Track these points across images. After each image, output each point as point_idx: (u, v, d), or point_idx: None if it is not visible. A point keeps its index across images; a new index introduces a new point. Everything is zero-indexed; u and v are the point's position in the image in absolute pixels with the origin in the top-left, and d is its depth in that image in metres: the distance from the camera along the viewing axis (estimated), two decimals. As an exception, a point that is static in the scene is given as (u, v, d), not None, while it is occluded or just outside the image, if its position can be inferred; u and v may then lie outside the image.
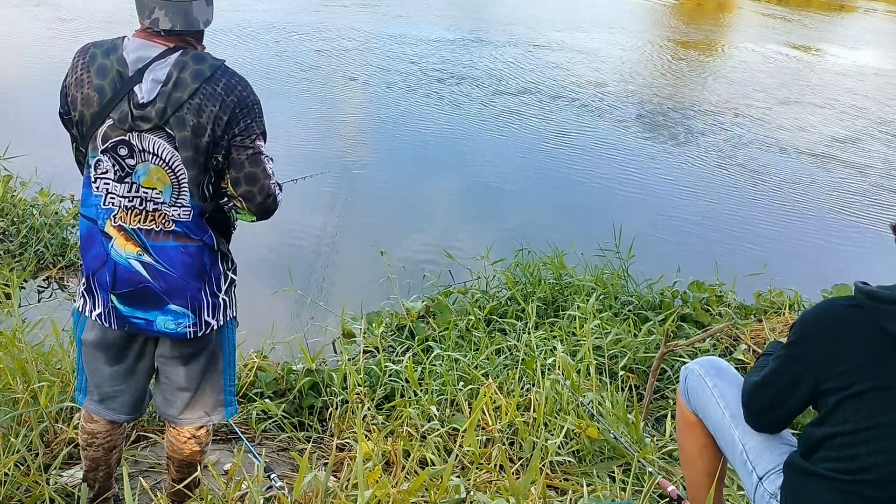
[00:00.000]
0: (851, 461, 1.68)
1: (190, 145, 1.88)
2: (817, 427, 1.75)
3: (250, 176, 1.96)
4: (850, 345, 1.67)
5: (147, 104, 1.86)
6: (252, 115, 1.95)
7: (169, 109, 1.86)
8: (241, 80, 1.95)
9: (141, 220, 1.95)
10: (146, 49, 1.89)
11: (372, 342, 3.83)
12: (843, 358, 1.67)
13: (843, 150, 8.76)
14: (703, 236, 6.19)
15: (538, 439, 2.76)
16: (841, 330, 1.69)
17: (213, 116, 1.88)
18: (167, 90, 1.86)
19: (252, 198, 1.99)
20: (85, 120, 1.91)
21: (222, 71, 1.92)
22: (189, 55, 1.89)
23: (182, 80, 1.86)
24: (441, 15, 14.32)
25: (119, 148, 1.90)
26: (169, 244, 1.96)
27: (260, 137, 1.98)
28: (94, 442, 2.24)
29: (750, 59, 13.43)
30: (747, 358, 3.76)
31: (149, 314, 2.01)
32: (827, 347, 1.70)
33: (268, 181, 1.99)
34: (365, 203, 6.29)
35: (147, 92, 1.86)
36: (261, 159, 1.97)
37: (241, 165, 1.95)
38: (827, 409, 1.71)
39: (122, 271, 1.97)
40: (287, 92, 8.78)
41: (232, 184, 1.98)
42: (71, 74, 1.93)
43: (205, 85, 1.87)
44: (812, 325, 1.75)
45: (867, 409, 1.65)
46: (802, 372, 1.75)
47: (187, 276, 1.99)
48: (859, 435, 1.67)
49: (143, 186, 1.93)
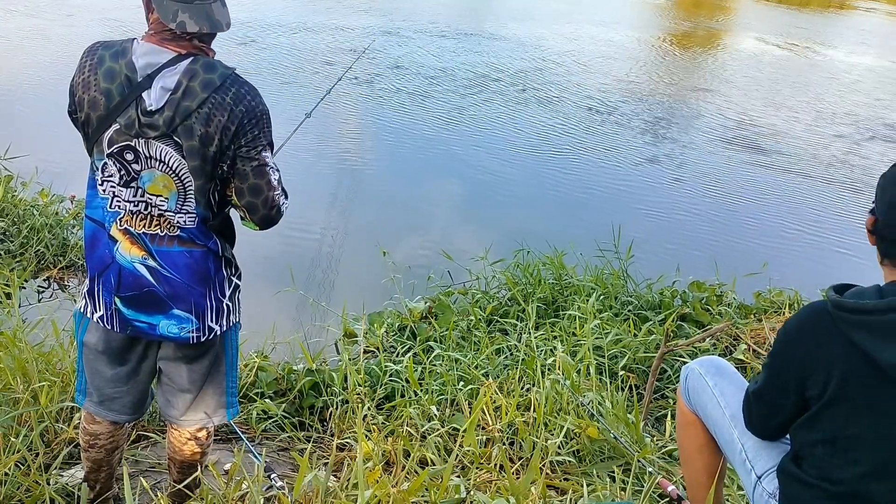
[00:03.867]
0: (832, 470, 1.67)
1: (198, 154, 1.87)
2: (804, 431, 1.74)
3: (254, 188, 1.96)
4: (826, 352, 1.63)
5: (155, 112, 1.84)
6: (260, 125, 1.93)
7: (177, 118, 1.84)
8: (250, 89, 1.92)
9: (146, 225, 1.94)
10: (156, 55, 1.86)
11: (374, 342, 3.83)
12: (821, 366, 1.63)
13: (843, 150, 8.76)
14: (702, 236, 6.19)
15: (538, 439, 2.76)
16: (818, 337, 1.64)
17: (221, 126, 1.86)
18: (176, 98, 1.84)
19: (255, 209, 1.99)
20: (91, 122, 1.90)
21: (232, 80, 1.89)
22: (199, 63, 1.87)
23: (191, 88, 1.84)
24: (439, 15, 14.31)
25: (125, 153, 1.89)
26: (174, 249, 1.96)
27: (266, 148, 1.96)
28: (97, 443, 2.24)
29: (750, 58, 13.44)
30: (747, 358, 3.77)
31: (152, 318, 2.00)
32: (807, 354, 1.66)
33: (272, 193, 1.99)
34: (366, 203, 6.29)
35: (156, 99, 1.84)
36: (266, 171, 1.96)
37: (245, 176, 1.94)
38: (810, 414, 1.70)
39: (128, 274, 1.96)
40: (287, 92, 8.78)
41: (236, 194, 1.98)
42: (78, 74, 1.91)
43: (214, 94, 1.85)
44: (793, 333, 1.72)
45: (842, 419, 1.63)
46: (788, 381, 1.72)
47: (192, 281, 1.98)
48: (837, 444, 1.66)
49: (149, 193, 1.92)
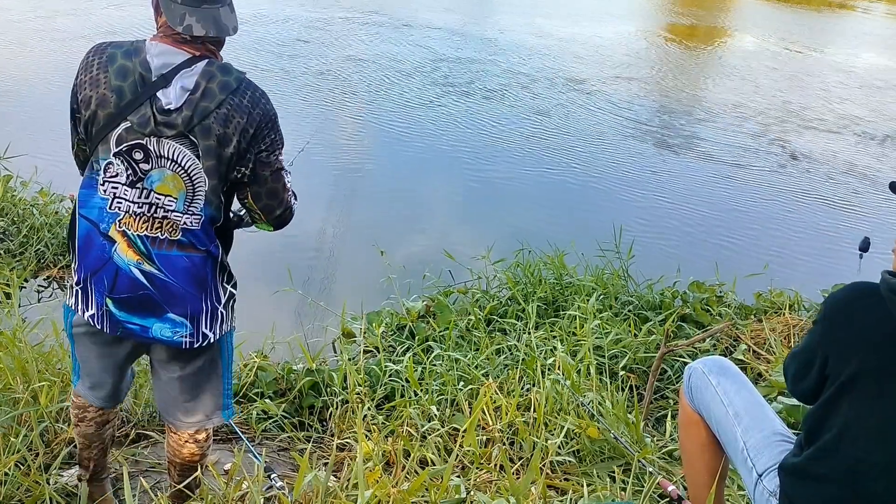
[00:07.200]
0: (836, 465, 1.67)
1: (213, 154, 1.89)
2: (813, 419, 1.74)
3: (272, 191, 2.03)
4: (863, 334, 1.63)
5: (173, 111, 1.85)
6: (275, 129, 1.99)
7: (195, 118, 1.86)
8: (263, 93, 1.97)
9: (148, 228, 1.93)
10: (172, 55, 1.88)
11: (372, 342, 3.83)
12: (852, 348, 1.64)
13: (843, 150, 8.77)
14: (703, 236, 6.19)
15: (538, 439, 2.75)
16: (860, 316, 1.64)
17: (240, 128, 1.90)
18: (195, 99, 1.86)
19: (272, 211, 2.08)
20: (98, 120, 1.88)
21: (247, 84, 1.94)
22: (215, 66, 1.90)
23: (210, 90, 1.87)
24: (438, 15, 14.32)
25: (134, 152, 1.88)
26: (173, 253, 1.95)
27: (281, 152, 2.03)
28: (86, 416, 2.24)
29: (751, 57, 13.43)
30: (747, 358, 3.77)
31: (145, 321, 1.99)
32: (842, 331, 1.67)
33: (286, 195, 2.08)
34: (365, 203, 6.28)
35: (175, 98, 1.86)
36: (281, 174, 2.04)
37: (264, 181, 2.00)
38: (825, 397, 1.70)
39: (124, 276, 1.95)
40: (286, 92, 8.78)
41: (253, 197, 2.03)
42: (84, 73, 1.90)
43: (231, 96, 1.89)
44: (836, 306, 1.71)
45: (858, 407, 1.63)
46: (818, 352, 1.72)
47: (189, 286, 1.97)
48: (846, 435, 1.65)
49: (157, 192, 1.91)
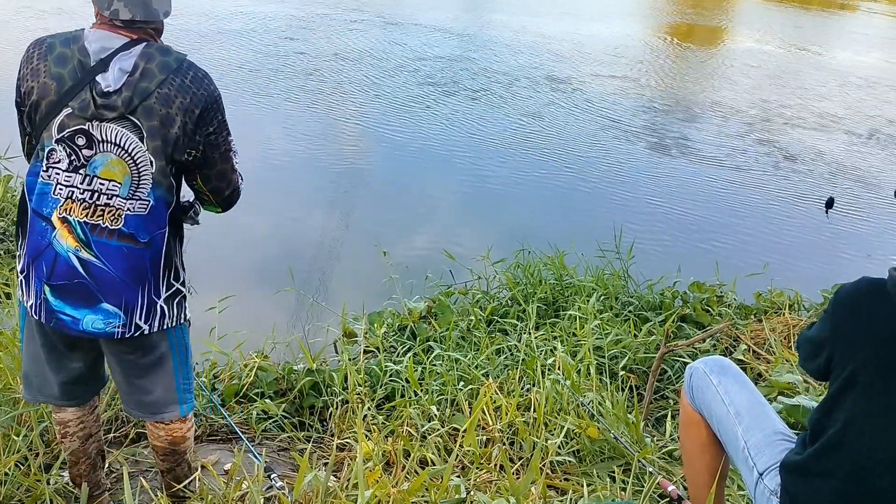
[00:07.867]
0: (838, 461, 1.67)
1: (158, 135, 1.88)
2: (818, 415, 1.74)
3: (221, 173, 2.07)
4: (869, 330, 1.63)
5: (112, 93, 1.85)
6: (221, 110, 2.01)
7: (136, 99, 1.85)
8: (205, 74, 1.98)
9: (88, 214, 1.90)
10: (109, 40, 1.88)
11: (373, 342, 3.83)
12: (859, 341, 1.64)
13: (843, 150, 8.77)
14: (703, 237, 6.19)
15: (538, 439, 2.76)
16: (867, 312, 1.65)
17: (184, 108, 1.90)
18: (133, 80, 1.86)
19: (220, 192, 2.12)
20: (40, 109, 1.88)
21: (188, 64, 1.95)
22: (154, 48, 1.91)
23: (149, 70, 1.87)
24: (436, 15, 14.32)
25: (77, 137, 1.87)
26: (112, 242, 1.91)
27: (229, 133, 2.05)
28: (68, 431, 2.22)
29: (751, 57, 13.43)
30: (747, 358, 3.76)
31: (77, 311, 1.94)
32: (848, 326, 1.67)
33: (234, 175, 2.12)
34: (366, 203, 6.29)
35: (114, 80, 1.85)
36: (230, 156, 2.08)
37: (213, 163, 2.03)
38: (830, 393, 1.70)
39: (62, 262, 1.91)
40: (287, 92, 8.78)
41: (202, 180, 2.06)
42: (26, 65, 1.91)
43: (172, 77, 1.89)
44: (844, 301, 1.71)
45: (863, 403, 1.64)
46: (824, 342, 1.73)
47: (125, 277, 1.94)
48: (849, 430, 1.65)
49: (101, 177, 1.89)
